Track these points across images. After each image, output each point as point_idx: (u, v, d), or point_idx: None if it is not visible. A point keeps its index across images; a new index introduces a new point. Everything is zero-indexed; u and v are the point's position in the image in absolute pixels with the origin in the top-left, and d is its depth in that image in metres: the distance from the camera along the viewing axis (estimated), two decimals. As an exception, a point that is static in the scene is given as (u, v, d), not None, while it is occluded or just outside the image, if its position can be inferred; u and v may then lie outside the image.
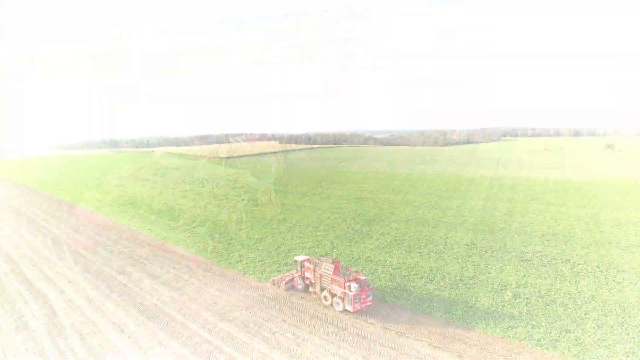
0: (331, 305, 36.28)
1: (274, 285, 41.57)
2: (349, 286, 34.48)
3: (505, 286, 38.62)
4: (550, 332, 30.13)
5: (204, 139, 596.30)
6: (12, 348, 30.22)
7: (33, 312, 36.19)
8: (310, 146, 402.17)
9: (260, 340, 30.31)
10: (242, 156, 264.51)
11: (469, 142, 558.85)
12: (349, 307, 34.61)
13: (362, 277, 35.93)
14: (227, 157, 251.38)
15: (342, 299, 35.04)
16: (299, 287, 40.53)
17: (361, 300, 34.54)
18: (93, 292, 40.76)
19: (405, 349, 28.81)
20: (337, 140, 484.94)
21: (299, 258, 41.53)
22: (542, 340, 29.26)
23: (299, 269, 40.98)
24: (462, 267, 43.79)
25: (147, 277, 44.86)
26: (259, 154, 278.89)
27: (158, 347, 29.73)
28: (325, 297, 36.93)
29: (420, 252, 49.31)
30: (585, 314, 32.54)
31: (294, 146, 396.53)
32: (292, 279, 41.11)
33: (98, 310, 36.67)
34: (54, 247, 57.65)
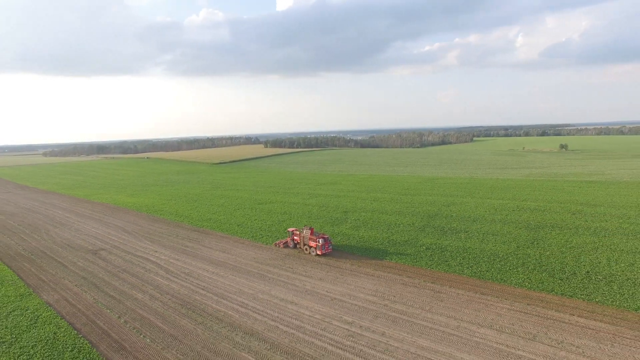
0: (309, 254, 63.61)
1: (275, 246, 68.50)
2: (319, 240, 62.13)
3: (424, 245, 65.98)
4: (438, 263, 57.51)
5: (191, 144, 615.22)
6: (152, 279, 55.80)
7: (150, 266, 61.69)
8: (294, 149, 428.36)
9: (286, 271, 56.79)
10: (235, 161, 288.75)
11: (443, 142, 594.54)
12: (318, 252, 62.21)
13: (326, 236, 63.71)
14: (221, 163, 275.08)
15: (315, 249, 62.40)
16: (291, 246, 67.79)
17: (325, 248, 62.45)
18: (175, 256, 66.36)
19: (361, 271, 55.78)
20: (319, 143, 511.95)
21: (290, 229, 69.16)
22: (433, 265, 56.57)
23: (290, 235, 68.26)
24: (401, 236, 71.13)
25: (203, 247, 70.67)
26: (251, 159, 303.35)
27: (231, 275, 55.84)
28: (306, 249, 64.49)
29: (377, 229, 76.59)
30: (459, 255, 60.13)
31: (279, 150, 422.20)
32: (286, 242, 68.70)
33: (185, 263, 62.39)
34: (127, 234, 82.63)
